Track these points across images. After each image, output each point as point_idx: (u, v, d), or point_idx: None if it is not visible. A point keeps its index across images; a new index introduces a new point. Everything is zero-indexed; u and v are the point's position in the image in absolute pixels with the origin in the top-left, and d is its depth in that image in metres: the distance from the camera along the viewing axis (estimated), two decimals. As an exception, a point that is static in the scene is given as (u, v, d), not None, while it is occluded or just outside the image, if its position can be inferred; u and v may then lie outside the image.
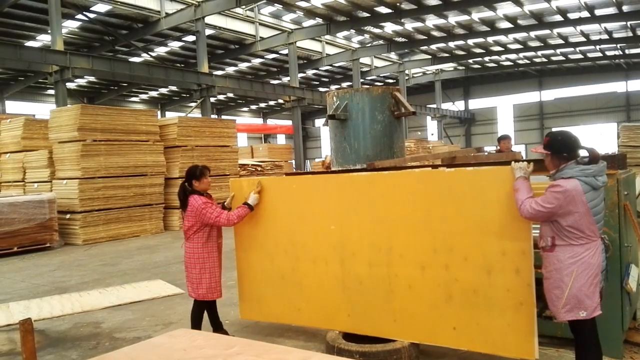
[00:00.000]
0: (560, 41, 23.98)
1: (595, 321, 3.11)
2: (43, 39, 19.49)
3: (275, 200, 4.48)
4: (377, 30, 22.67)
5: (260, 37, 21.90)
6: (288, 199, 4.42)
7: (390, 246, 3.87)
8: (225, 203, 4.70)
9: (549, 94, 33.32)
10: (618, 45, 25.29)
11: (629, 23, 20.88)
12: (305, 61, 25.77)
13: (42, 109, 25.45)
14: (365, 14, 19.52)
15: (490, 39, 24.05)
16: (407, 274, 3.81)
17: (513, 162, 3.29)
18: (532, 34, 22.59)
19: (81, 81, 25.35)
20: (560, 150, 3.11)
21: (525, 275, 3.35)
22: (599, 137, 30.42)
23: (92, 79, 24.28)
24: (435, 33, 22.68)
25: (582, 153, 3.14)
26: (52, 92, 20.93)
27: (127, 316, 5.74)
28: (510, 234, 3.38)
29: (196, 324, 4.61)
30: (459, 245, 3.59)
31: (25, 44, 18.57)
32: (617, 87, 31.03)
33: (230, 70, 27.26)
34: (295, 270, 4.38)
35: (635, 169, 5.97)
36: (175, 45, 22.41)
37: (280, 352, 2.83)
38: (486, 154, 6.23)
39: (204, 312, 4.70)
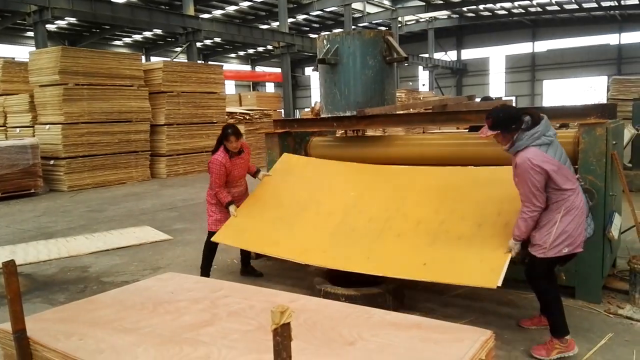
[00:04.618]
0: (557, -11, 23.44)
1: (550, 263, 3.18)
2: (19, -24, 18.47)
3: (302, 176, 4.89)
4: (369, -26, 21.88)
5: (248, -22, 21.03)
6: (312, 176, 4.86)
7: (397, 207, 4.13)
8: (259, 176, 4.91)
9: (542, 45, 32.86)
10: (614, -5, 24.78)
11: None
12: (295, 5, 24.91)
13: (21, 52, 24.50)
14: (358, -44, 18.77)
15: (485, -14, 23.41)
16: (400, 227, 3.94)
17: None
18: (529, -19, 22.01)
19: (62, 23, 24.33)
20: (508, 125, 3.08)
21: (513, 226, 3.37)
22: (589, 89, 30.33)
23: (73, 20, 23.29)
24: (430, -22, 21.98)
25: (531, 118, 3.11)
26: (31, 34, 20.10)
27: (114, 261, 5.76)
28: (509, 197, 3.50)
29: (206, 258, 4.80)
30: (459, 207, 3.82)
31: (0, -19, 17.63)
32: (610, 39, 30.63)
33: (217, 13, 26.31)
34: (294, 215, 4.46)
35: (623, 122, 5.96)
36: (159, -15, 21.48)
37: (267, 295, 2.86)
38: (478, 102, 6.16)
39: (216, 250, 4.82)
